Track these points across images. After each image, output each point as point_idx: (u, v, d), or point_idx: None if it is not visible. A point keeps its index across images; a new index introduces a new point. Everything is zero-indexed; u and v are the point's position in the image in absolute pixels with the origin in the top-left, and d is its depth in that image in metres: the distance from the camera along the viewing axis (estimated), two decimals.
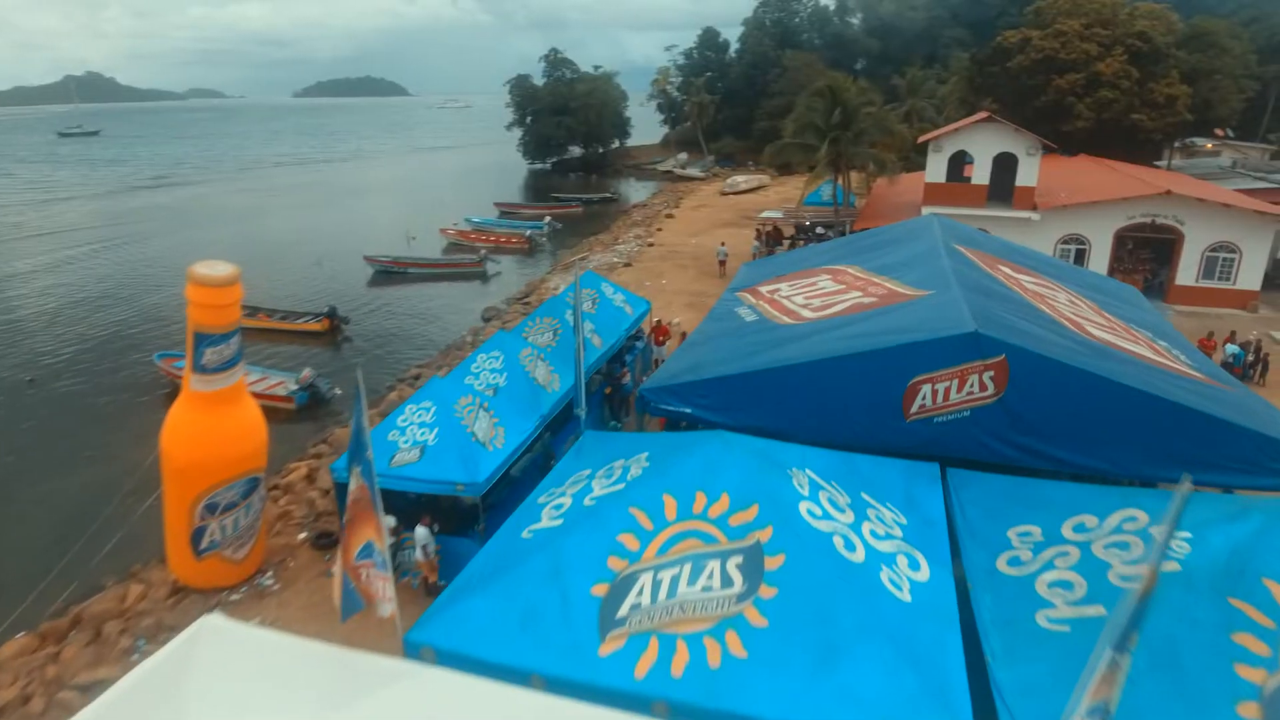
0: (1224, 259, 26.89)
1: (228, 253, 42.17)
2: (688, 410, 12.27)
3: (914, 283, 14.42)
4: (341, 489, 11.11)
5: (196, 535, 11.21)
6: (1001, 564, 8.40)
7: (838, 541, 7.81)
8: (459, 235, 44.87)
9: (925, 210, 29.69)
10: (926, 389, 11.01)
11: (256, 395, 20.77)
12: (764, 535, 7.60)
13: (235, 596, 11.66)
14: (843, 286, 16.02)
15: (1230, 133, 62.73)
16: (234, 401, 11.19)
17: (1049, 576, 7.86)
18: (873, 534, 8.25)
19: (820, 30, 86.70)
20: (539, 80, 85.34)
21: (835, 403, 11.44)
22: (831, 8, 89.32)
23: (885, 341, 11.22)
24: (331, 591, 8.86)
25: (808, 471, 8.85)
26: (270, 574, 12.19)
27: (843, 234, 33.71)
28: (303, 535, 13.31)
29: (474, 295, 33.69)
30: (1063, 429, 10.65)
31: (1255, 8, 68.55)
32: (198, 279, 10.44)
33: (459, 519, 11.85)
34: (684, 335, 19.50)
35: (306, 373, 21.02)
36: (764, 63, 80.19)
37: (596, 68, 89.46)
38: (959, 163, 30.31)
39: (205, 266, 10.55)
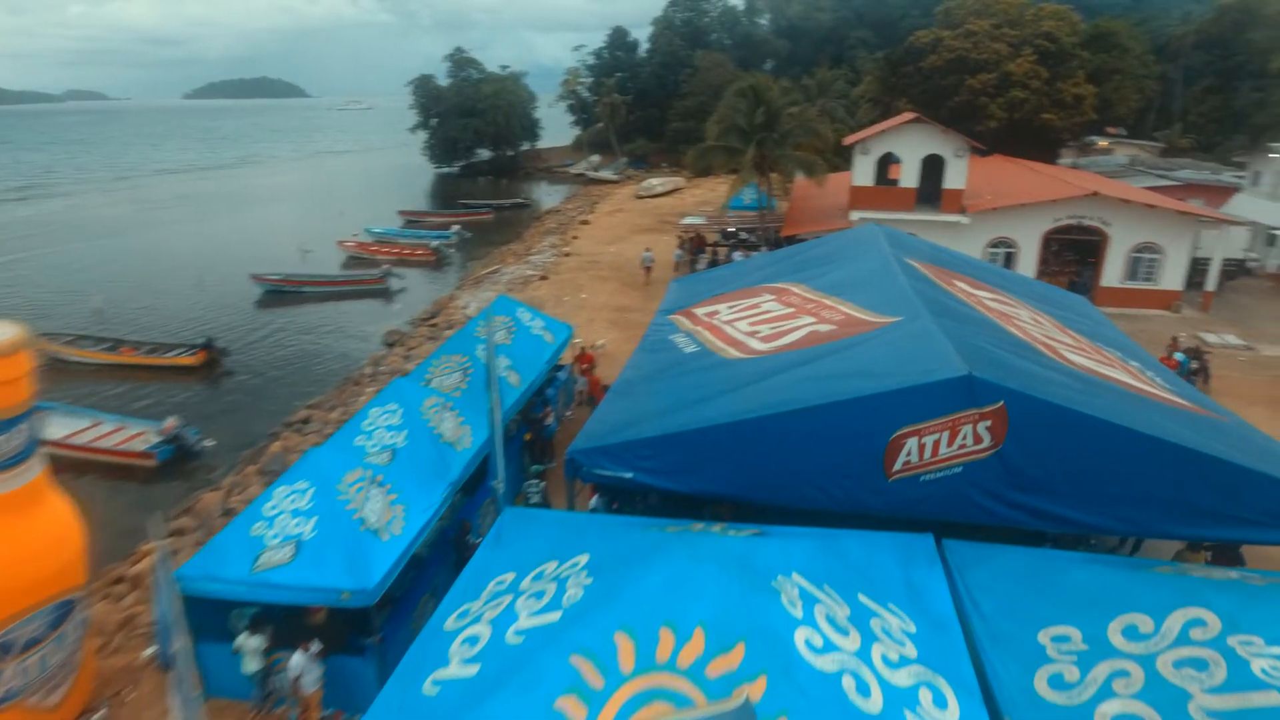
0: (1148, 260, 26.77)
1: (95, 274, 37.41)
2: (628, 475, 10.25)
3: (873, 306, 12.81)
4: (192, 602, 8.67)
5: None
6: (1041, 684, 6.69)
7: (848, 684, 5.95)
8: (359, 248, 41.59)
9: (853, 215, 28.60)
10: (912, 443, 9.32)
11: (108, 451, 17.82)
12: (756, 690, 5.65)
13: None
14: (791, 310, 14.31)
15: (1123, 131, 65.24)
16: (29, 507, 8.34)
17: (1111, 708, 6.18)
18: (885, 661, 6.42)
19: (730, 30, 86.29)
20: (443, 81, 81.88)
21: (804, 461, 9.66)
22: (740, 8, 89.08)
23: (862, 388, 9.44)
24: None
25: (795, 577, 6.95)
26: (102, 713, 9.45)
27: (769, 240, 32.32)
28: (149, 650, 10.54)
29: (375, 316, 30.76)
30: (1070, 485, 9.17)
31: (1139, 10, 71.73)
32: None
33: (349, 630, 9.40)
34: (599, 380, 17.61)
35: (171, 422, 17.88)
36: (675, 63, 79.10)
37: (504, 68, 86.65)
38: (885, 165, 29.32)
39: None
